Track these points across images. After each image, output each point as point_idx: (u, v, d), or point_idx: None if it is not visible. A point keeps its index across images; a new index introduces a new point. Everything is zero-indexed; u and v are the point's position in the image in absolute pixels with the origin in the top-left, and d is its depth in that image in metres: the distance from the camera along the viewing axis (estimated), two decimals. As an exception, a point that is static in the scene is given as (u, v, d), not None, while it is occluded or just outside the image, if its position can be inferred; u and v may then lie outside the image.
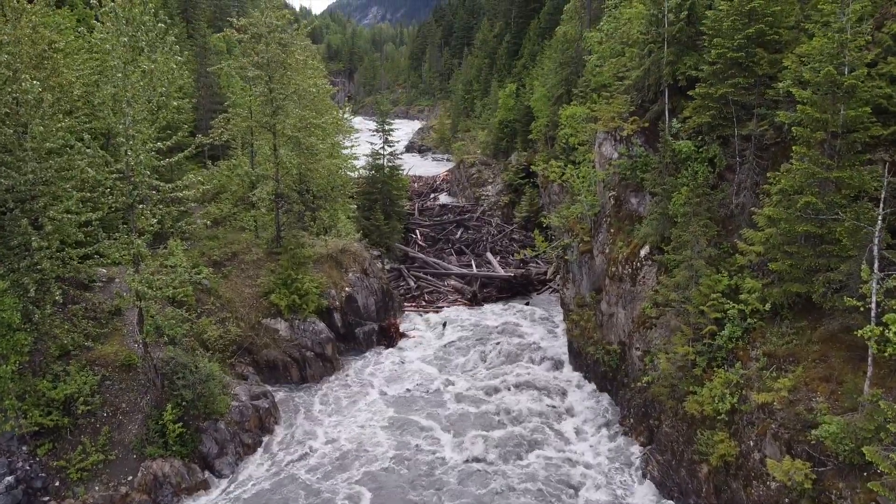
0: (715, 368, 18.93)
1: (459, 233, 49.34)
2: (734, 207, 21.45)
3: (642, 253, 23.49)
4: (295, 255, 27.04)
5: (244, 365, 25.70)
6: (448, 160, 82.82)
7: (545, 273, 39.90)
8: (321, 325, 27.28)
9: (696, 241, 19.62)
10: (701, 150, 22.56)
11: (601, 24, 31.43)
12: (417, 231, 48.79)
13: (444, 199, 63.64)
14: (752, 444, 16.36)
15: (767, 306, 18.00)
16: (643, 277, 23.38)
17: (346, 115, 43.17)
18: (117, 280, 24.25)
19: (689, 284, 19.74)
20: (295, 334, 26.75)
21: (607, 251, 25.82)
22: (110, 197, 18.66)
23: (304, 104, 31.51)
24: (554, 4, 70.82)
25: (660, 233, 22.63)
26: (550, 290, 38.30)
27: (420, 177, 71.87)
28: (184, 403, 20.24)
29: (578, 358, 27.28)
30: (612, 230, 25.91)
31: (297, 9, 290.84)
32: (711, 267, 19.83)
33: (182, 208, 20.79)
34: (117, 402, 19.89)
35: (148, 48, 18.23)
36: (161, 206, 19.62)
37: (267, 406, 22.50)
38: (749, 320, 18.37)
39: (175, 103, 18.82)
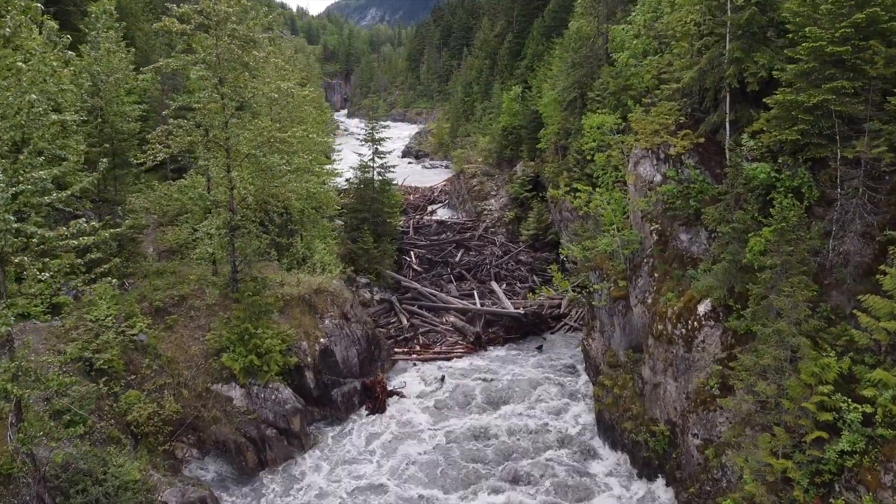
0: (823, 490, 13.48)
1: (459, 255, 43.67)
2: (833, 256, 15.93)
3: (701, 310, 17.95)
4: (253, 304, 21.38)
5: (186, 447, 20.13)
6: (447, 167, 77.32)
7: (559, 306, 34.31)
8: (286, 393, 21.65)
9: (793, 308, 14.08)
10: (782, 175, 17.08)
11: (633, 13, 25.82)
12: (412, 253, 43.14)
13: (442, 213, 58.01)
14: None
15: (908, 411, 12.53)
16: (702, 342, 17.84)
17: (338, 120, 37.42)
18: (18, 343, 18.58)
19: (784, 368, 14.20)
20: (253, 404, 21.15)
21: (650, 301, 20.28)
22: (-35, 249, 13.11)
23: (275, 111, 26.03)
24: (559, 1, 65.41)
25: (727, 286, 17.12)
26: (567, 328, 32.71)
27: (416, 188, 66.17)
28: (82, 529, 14.73)
29: (611, 433, 21.68)
30: (655, 274, 20.37)
31: (295, 10, 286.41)
32: (811, 342, 14.34)
33: (81, 259, 15.11)
34: (-15, 533, 14.33)
35: (14, 36, 12.66)
36: (46, 259, 14.04)
37: (204, 519, 16.93)
38: (879, 430, 12.86)
39: (54, 116, 13.25)
